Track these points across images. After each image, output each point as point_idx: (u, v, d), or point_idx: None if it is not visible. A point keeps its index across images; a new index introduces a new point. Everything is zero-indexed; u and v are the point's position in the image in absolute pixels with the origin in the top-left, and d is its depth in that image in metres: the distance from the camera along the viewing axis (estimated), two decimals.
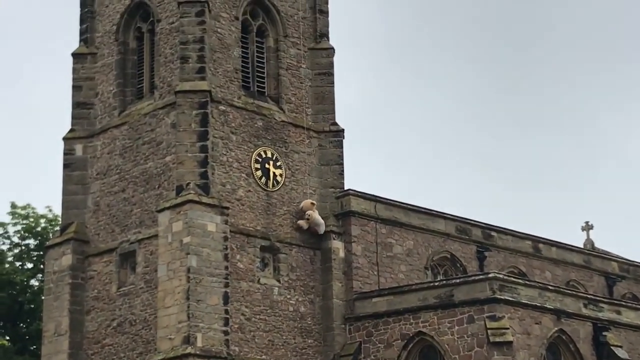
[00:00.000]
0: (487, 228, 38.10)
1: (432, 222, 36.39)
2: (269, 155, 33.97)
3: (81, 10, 36.43)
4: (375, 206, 34.98)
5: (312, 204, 33.92)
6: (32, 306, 42.97)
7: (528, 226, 48.80)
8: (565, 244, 41.01)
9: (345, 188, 34.91)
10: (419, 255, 35.84)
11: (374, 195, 35.06)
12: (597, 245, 45.56)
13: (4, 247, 44.35)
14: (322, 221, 33.90)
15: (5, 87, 73.01)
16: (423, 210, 36.31)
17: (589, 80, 78.62)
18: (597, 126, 77.00)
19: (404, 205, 35.83)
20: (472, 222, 37.66)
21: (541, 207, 72.52)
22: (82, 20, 36.32)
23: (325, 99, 35.74)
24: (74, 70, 35.75)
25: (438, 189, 72.40)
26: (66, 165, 34.98)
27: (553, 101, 78.11)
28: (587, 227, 46.07)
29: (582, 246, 43.89)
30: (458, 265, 36.77)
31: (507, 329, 30.80)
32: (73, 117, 35.38)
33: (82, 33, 36.22)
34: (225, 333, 30.78)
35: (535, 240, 39.72)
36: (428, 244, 36.18)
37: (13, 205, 44.91)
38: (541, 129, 77.32)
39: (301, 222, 33.82)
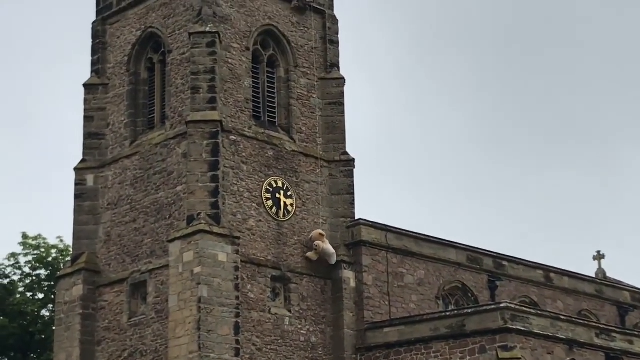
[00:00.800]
0: (498, 257, 37.99)
1: (443, 252, 36.31)
2: (280, 185, 33.99)
3: (93, 42, 36.61)
4: (386, 236, 34.94)
5: (321, 234, 33.87)
6: (43, 337, 42.98)
7: (539, 256, 48.71)
8: (577, 274, 40.86)
9: (356, 217, 34.88)
10: (431, 285, 35.74)
11: (384, 225, 35.02)
12: (609, 274, 45.35)
13: (15, 278, 44.47)
14: (333, 251, 33.84)
15: (17, 117, 73.34)
16: (434, 239, 36.24)
17: (603, 111, 78.58)
18: (609, 156, 76.92)
19: (415, 234, 35.78)
20: (483, 251, 37.57)
21: (553, 236, 72.38)
22: (94, 51, 36.50)
23: (335, 129, 35.80)
24: (86, 101, 35.90)
25: (449, 218, 72.33)
26: (77, 196, 35.03)
27: (566, 132, 78.17)
28: (599, 257, 45.88)
29: (594, 276, 43.70)
30: (469, 295, 36.65)
31: (519, 359, 30.63)
32: (84, 148, 35.50)
33: (93, 64, 36.39)
34: None
35: (547, 269, 39.58)
36: (439, 273, 36.08)
37: (24, 236, 45.03)
38: (553, 159, 77.28)
39: (310, 255, 33.74)
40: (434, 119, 78.33)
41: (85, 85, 36.11)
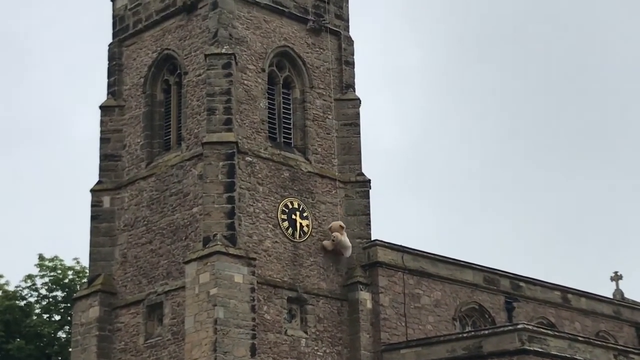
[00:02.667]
0: (515, 278, 37.85)
1: (460, 273, 36.20)
2: (296, 206, 33.97)
3: (109, 64, 36.75)
4: (403, 257, 34.86)
5: (342, 226, 33.88)
6: (60, 359, 42.99)
7: (557, 276, 48.46)
8: (595, 295, 40.66)
9: (372, 238, 34.82)
10: (447, 306, 35.62)
11: (401, 246, 34.95)
12: (627, 295, 45.08)
13: (32, 299, 44.51)
14: (349, 244, 33.87)
15: (33, 138, 73.64)
16: (451, 260, 36.14)
17: (615, 128, 78.36)
18: (628, 175, 76.59)
19: (432, 255, 35.69)
20: (500, 272, 37.44)
21: (570, 257, 72.03)
22: (110, 73, 36.63)
23: (351, 150, 35.80)
24: (102, 123, 36.01)
25: (465, 239, 72.12)
26: (94, 217, 35.10)
27: (587, 151, 77.88)
28: (617, 277, 45.62)
29: (611, 296, 43.48)
30: (486, 316, 36.51)
31: None
32: (101, 169, 35.58)
33: (109, 86, 36.52)
34: None
35: (564, 290, 39.42)
36: (456, 294, 35.96)
37: (41, 258, 45.10)
38: (569, 178, 77.02)
39: (326, 243, 33.84)
40: (451, 140, 78.25)
41: (101, 107, 36.24)
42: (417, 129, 77.81)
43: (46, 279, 44.63)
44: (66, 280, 44.53)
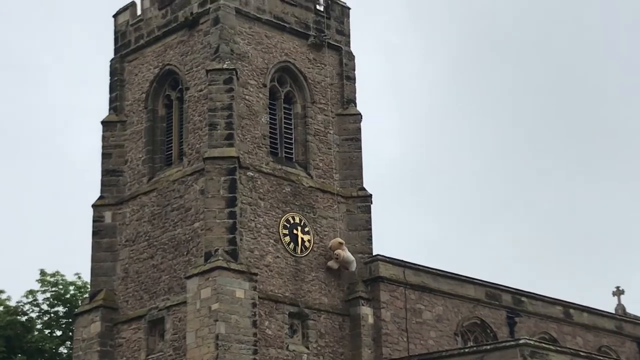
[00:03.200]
0: (517, 293, 37.83)
1: (461, 288, 36.18)
2: (297, 220, 33.98)
3: (111, 79, 36.84)
4: (404, 272, 34.85)
5: (340, 242, 33.92)
6: None
7: (558, 291, 48.43)
8: (597, 310, 40.61)
9: (374, 253, 34.81)
10: (449, 321, 35.58)
11: (402, 261, 34.94)
12: (629, 310, 45.05)
13: (33, 315, 44.46)
14: (352, 258, 33.91)
15: (34, 153, 73.70)
16: (452, 275, 36.13)
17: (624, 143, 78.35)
18: (629, 188, 76.56)
19: (433, 270, 35.67)
20: (502, 287, 37.41)
21: (572, 271, 71.97)
22: (112, 89, 36.71)
23: (352, 165, 35.82)
24: (104, 138, 36.07)
25: (467, 252, 72.10)
26: (95, 233, 35.11)
27: (586, 165, 77.88)
28: (619, 292, 45.60)
29: (613, 311, 43.43)
30: (488, 331, 36.47)
31: None
32: (102, 185, 35.61)
33: (111, 101, 36.59)
34: None
35: (566, 305, 39.38)
36: (458, 309, 35.93)
37: (42, 273, 45.08)
38: (571, 192, 76.99)
39: (330, 264, 33.88)
40: (451, 155, 78.28)
41: (103, 122, 36.30)
42: (418, 141, 77.83)
43: (47, 294, 44.59)
44: (68, 296, 44.49)
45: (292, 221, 33.83)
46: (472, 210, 75.79)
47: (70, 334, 40.91)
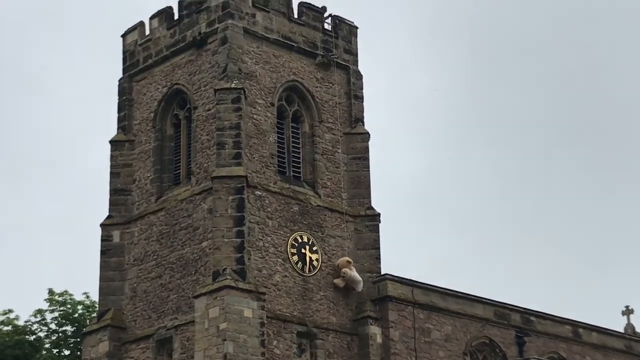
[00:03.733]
0: (526, 313, 37.71)
1: (470, 307, 36.08)
2: (305, 240, 33.94)
3: (119, 98, 36.93)
4: (413, 291, 34.77)
5: (349, 261, 33.90)
6: None
7: (567, 311, 48.21)
8: (606, 329, 40.48)
9: (382, 273, 34.75)
10: (458, 340, 35.47)
11: (411, 280, 34.87)
12: (638, 329, 44.88)
13: (42, 334, 44.38)
14: (359, 278, 33.88)
15: (42, 172, 73.79)
16: (461, 294, 36.03)
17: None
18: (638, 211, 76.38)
19: (442, 289, 35.60)
20: (510, 306, 37.31)
21: (581, 291, 71.73)
22: (120, 108, 36.80)
23: (360, 184, 35.81)
24: (112, 157, 36.12)
25: (475, 273, 71.88)
26: (103, 252, 35.11)
27: (594, 184, 77.70)
28: (628, 312, 45.43)
29: (622, 331, 43.28)
30: (497, 350, 36.34)
31: None
32: (111, 204, 35.64)
33: (120, 120, 36.66)
34: None
35: (575, 325, 39.25)
36: (466, 329, 35.82)
37: (50, 292, 45.04)
38: (581, 212, 76.81)
39: (337, 281, 33.84)
40: (460, 176, 78.13)
41: (111, 141, 36.36)
42: (431, 158, 77.67)
43: (56, 314, 44.54)
44: (76, 315, 44.44)
45: (300, 240, 33.80)
46: (482, 229, 75.65)
47: (79, 353, 40.83)
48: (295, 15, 36.14)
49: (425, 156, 77.54)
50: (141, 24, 37.10)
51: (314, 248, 34.04)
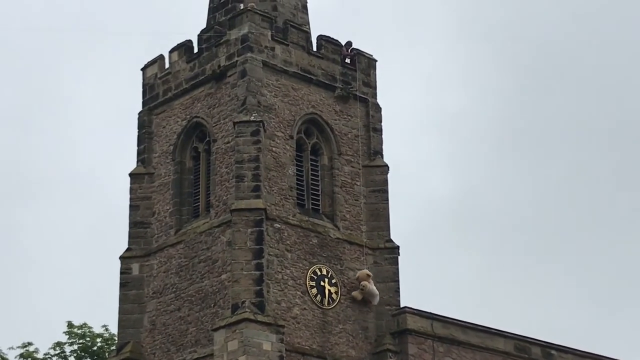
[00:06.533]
0: (546, 346, 37.44)
1: (490, 341, 35.85)
2: (324, 272, 33.88)
3: (139, 131, 37.07)
4: (432, 324, 34.60)
5: (368, 275, 33.89)
6: None
7: (589, 344, 47.83)
8: None
9: (402, 305, 34.61)
10: None
11: (430, 313, 34.71)
12: None
13: None
14: (377, 292, 33.84)
15: (61, 205, 74.08)
16: (481, 328, 35.83)
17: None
18: None
19: (462, 323, 35.41)
20: (531, 340, 37.06)
21: (602, 324, 71.23)
22: (140, 141, 36.92)
23: (379, 216, 35.76)
24: (131, 190, 36.20)
25: (496, 306, 71.45)
26: (123, 284, 35.14)
27: (618, 209, 77.20)
28: None
29: None
30: None
31: None
32: (130, 237, 35.69)
33: (139, 153, 36.78)
34: None
35: (597, 358, 38.92)
36: None
37: (70, 325, 45.08)
38: (600, 240, 76.27)
39: (355, 294, 33.85)
40: (481, 210, 77.83)
41: (131, 174, 36.46)
42: (459, 184, 77.49)
43: (75, 347, 44.54)
44: (95, 348, 44.43)
45: (319, 273, 33.74)
46: (499, 266, 75.25)
47: None
48: (315, 49, 36.26)
49: (453, 180, 77.27)
50: (161, 57, 37.28)
51: (333, 281, 33.97)
